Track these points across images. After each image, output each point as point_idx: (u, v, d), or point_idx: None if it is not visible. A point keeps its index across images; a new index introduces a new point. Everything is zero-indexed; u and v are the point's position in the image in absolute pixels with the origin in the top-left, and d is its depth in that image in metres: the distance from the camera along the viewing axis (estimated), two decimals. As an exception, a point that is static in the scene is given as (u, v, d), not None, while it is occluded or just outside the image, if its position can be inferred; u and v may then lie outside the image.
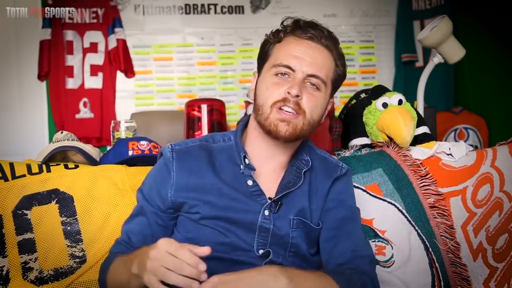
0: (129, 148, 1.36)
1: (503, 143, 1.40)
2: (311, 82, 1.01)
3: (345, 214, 1.07)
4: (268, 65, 1.04)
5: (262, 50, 1.08)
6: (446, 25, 1.65)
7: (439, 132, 2.77)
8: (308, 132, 1.03)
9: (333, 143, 1.60)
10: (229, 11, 3.32)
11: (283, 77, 1.00)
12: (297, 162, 1.07)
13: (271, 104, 0.99)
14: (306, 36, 1.01)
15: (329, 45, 1.03)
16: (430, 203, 1.29)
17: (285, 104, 0.98)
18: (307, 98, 0.99)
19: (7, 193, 1.19)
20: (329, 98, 1.08)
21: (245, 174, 1.02)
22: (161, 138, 2.37)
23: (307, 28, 1.02)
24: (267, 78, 1.02)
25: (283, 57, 1.01)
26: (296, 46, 1.01)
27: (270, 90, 1.00)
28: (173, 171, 1.02)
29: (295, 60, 1.00)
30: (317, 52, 1.02)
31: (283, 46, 1.03)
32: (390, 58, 3.45)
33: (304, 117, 1.00)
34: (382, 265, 1.23)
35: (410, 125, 1.32)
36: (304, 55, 1.00)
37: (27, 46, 3.05)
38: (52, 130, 3.07)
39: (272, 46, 1.05)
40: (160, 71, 3.28)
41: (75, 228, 1.20)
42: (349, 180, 1.13)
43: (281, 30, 1.05)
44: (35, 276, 1.14)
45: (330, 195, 1.08)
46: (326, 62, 1.03)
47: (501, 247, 1.25)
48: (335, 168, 1.11)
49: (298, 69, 0.99)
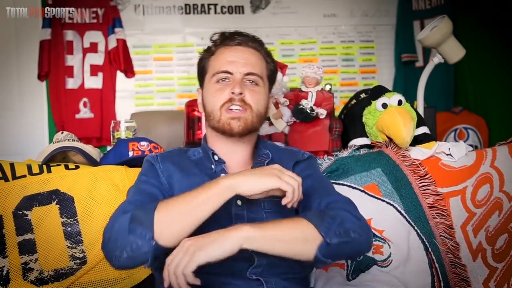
0: (129, 149, 1.37)
1: (502, 143, 1.40)
2: (250, 79, 1.13)
3: (312, 182, 1.10)
4: (208, 77, 1.15)
5: (199, 67, 1.20)
6: (446, 25, 1.65)
7: (439, 132, 2.77)
8: (258, 124, 1.14)
9: (333, 143, 1.60)
10: (229, 11, 3.32)
11: (224, 82, 1.12)
12: (259, 158, 1.16)
13: (219, 107, 1.10)
14: (235, 43, 1.14)
15: (256, 47, 1.16)
16: (429, 203, 1.30)
17: (232, 104, 1.09)
18: (249, 94, 1.11)
19: (7, 193, 1.20)
20: (269, 92, 1.19)
21: (217, 170, 1.11)
22: (161, 138, 2.37)
23: (234, 36, 1.15)
24: (210, 87, 1.14)
25: (219, 65, 1.13)
26: (228, 53, 1.14)
27: (215, 96, 1.11)
28: (158, 163, 1.12)
29: (231, 65, 1.12)
30: (248, 53, 1.14)
31: (217, 57, 1.15)
32: (390, 58, 3.45)
33: (252, 111, 1.11)
34: (380, 264, 1.24)
35: (410, 125, 1.33)
36: (237, 58, 1.12)
37: (27, 46, 3.05)
38: (52, 130, 3.08)
39: (207, 60, 1.17)
40: (160, 71, 3.28)
41: (76, 229, 1.20)
42: (312, 162, 1.20)
43: (211, 45, 1.17)
44: (35, 276, 1.14)
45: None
46: (257, 61, 1.15)
47: (500, 247, 1.25)
48: (297, 154, 1.20)
49: (235, 71, 1.11)
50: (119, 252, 0.90)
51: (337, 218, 0.95)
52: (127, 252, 0.90)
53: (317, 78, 1.61)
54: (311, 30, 3.39)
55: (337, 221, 0.94)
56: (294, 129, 1.62)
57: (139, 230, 0.90)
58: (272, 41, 3.36)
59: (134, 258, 0.90)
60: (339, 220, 0.94)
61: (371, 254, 1.24)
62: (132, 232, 0.90)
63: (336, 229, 0.92)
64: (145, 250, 0.89)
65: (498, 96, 2.95)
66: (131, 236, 0.90)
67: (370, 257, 1.24)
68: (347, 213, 0.98)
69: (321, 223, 0.92)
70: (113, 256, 0.91)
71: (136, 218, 0.92)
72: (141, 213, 0.93)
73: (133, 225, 0.91)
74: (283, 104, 1.61)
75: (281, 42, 3.38)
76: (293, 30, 3.38)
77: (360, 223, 0.98)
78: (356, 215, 0.99)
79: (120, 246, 0.90)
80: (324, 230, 0.92)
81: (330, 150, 1.58)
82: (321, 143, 1.59)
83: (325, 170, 1.36)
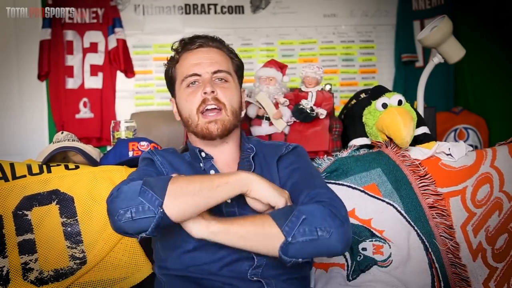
0: (129, 149, 1.37)
1: (502, 143, 1.40)
2: (219, 77, 1.14)
3: (299, 176, 1.09)
4: (178, 84, 1.17)
5: (167, 77, 1.21)
6: (446, 25, 1.65)
7: (439, 132, 2.77)
8: (236, 121, 1.14)
9: (333, 143, 1.60)
10: (229, 11, 3.32)
11: (194, 85, 1.13)
12: (244, 153, 1.16)
13: (195, 111, 1.11)
14: (196, 46, 1.16)
15: (217, 46, 1.18)
16: (429, 203, 1.30)
17: (207, 104, 1.10)
18: (221, 92, 1.11)
19: (7, 193, 1.20)
20: (240, 87, 1.20)
21: (206, 168, 1.12)
22: (161, 138, 2.37)
23: (194, 40, 1.17)
24: (182, 93, 1.15)
25: (186, 70, 1.14)
26: (192, 56, 1.15)
27: (189, 100, 1.12)
28: (156, 156, 1.13)
29: (197, 67, 1.13)
30: (211, 53, 1.16)
31: (182, 63, 1.16)
32: (390, 58, 3.45)
33: (226, 110, 1.11)
34: (380, 264, 1.24)
35: (410, 125, 1.33)
36: (202, 59, 1.14)
37: (27, 46, 3.05)
38: (52, 130, 3.08)
39: (173, 69, 1.19)
40: (160, 71, 3.24)
41: (76, 229, 1.20)
42: (299, 153, 1.17)
43: (174, 54, 1.19)
44: (35, 276, 1.14)
45: (282, 170, 1.13)
46: (222, 58, 1.16)
47: (500, 247, 1.25)
48: (280, 148, 1.17)
49: (202, 72, 1.12)
50: (123, 211, 0.90)
51: (303, 216, 0.92)
52: (132, 213, 0.90)
53: (317, 78, 1.61)
54: (311, 30, 3.39)
55: (303, 219, 0.92)
56: (294, 129, 1.61)
57: (149, 193, 0.91)
58: (272, 41, 3.36)
59: (136, 221, 0.90)
60: (306, 218, 0.92)
61: (372, 255, 1.24)
62: (142, 194, 0.91)
63: (300, 227, 0.91)
64: (150, 215, 0.90)
65: (498, 96, 2.94)
66: (140, 198, 0.90)
67: (370, 257, 1.24)
68: (321, 208, 0.94)
69: (284, 222, 0.92)
70: (117, 213, 0.91)
71: (149, 183, 0.93)
72: (154, 180, 0.95)
73: (145, 189, 0.91)
74: (283, 104, 1.61)
75: (281, 42, 3.38)
76: (293, 30, 3.38)
77: (333, 221, 0.92)
78: (332, 212, 0.94)
79: (126, 205, 0.90)
80: (286, 229, 0.91)
81: (330, 150, 1.58)
82: (321, 143, 1.59)
83: (325, 170, 1.36)
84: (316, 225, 0.91)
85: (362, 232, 1.25)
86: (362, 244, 1.25)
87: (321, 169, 1.35)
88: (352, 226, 1.24)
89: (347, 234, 0.94)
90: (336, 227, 0.92)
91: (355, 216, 1.28)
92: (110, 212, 0.93)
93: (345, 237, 0.93)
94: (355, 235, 1.25)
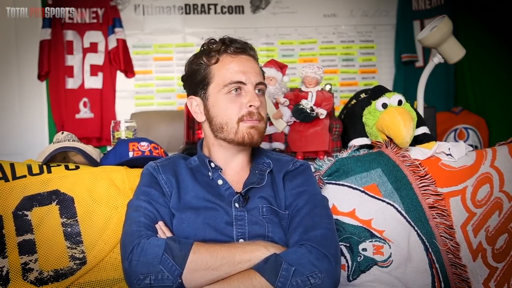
0: (129, 149, 1.36)
1: (502, 143, 1.40)
2: (259, 89, 1.12)
3: (305, 204, 1.10)
4: (215, 87, 1.10)
5: (197, 74, 1.13)
6: (446, 25, 1.65)
7: (439, 132, 2.77)
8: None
9: (333, 143, 1.60)
10: (229, 11, 3.32)
11: (235, 93, 1.09)
12: (259, 165, 1.16)
13: (237, 121, 1.09)
14: (239, 51, 1.11)
15: (254, 55, 1.15)
16: (429, 203, 1.30)
17: (251, 117, 1.08)
18: (261, 105, 1.11)
19: (7, 193, 1.19)
20: None
21: (214, 177, 1.12)
22: (161, 138, 2.38)
23: (235, 43, 1.12)
24: (220, 98, 1.10)
25: (231, 75, 1.09)
26: (236, 62, 1.10)
27: (231, 109, 1.09)
28: (160, 175, 1.12)
29: (243, 75, 1.09)
30: (253, 62, 1.13)
31: (224, 66, 1.10)
32: (390, 58, 3.46)
33: (263, 121, 1.12)
34: (380, 264, 1.23)
35: (410, 125, 1.33)
36: (247, 68, 1.10)
37: (27, 46, 3.05)
38: (52, 130, 3.08)
39: (208, 68, 1.12)
40: (160, 71, 3.28)
41: (76, 229, 1.20)
42: (307, 175, 1.18)
43: (211, 51, 1.12)
44: (35, 277, 1.14)
45: (289, 191, 1.13)
46: (259, 69, 1.15)
47: (500, 247, 1.25)
48: (286, 164, 1.18)
49: (248, 82, 1.09)
50: (143, 277, 0.93)
51: (294, 267, 0.94)
52: (151, 280, 0.93)
53: (317, 78, 1.61)
54: (311, 30, 3.40)
55: (293, 271, 0.93)
56: (294, 129, 1.62)
57: (170, 263, 0.93)
58: (272, 41, 3.36)
59: (154, 287, 0.93)
60: (297, 269, 0.93)
61: (372, 255, 1.24)
62: (163, 263, 0.93)
63: (292, 280, 0.92)
64: (168, 284, 0.93)
65: (498, 96, 2.95)
66: (160, 266, 0.93)
67: (370, 257, 1.24)
68: (308, 254, 0.96)
69: (275, 278, 0.93)
70: (136, 278, 0.93)
71: (171, 249, 0.95)
72: (177, 246, 0.96)
73: (166, 257, 0.94)
74: (283, 104, 1.61)
75: (281, 42, 3.38)
76: (293, 30, 3.38)
77: (321, 264, 0.95)
78: (320, 252, 0.97)
79: (147, 271, 0.93)
80: (279, 285, 0.92)
81: (330, 150, 1.58)
82: (321, 143, 1.59)
83: (325, 171, 1.36)
84: (306, 273, 0.93)
85: (362, 232, 1.25)
86: (362, 245, 1.25)
87: (322, 171, 1.35)
88: (352, 227, 1.26)
89: (337, 273, 0.98)
90: (326, 270, 0.95)
91: (356, 216, 1.28)
92: (130, 274, 0.95)
93: (335, 276, 0.97)
94: (355, 236, 1.25)
